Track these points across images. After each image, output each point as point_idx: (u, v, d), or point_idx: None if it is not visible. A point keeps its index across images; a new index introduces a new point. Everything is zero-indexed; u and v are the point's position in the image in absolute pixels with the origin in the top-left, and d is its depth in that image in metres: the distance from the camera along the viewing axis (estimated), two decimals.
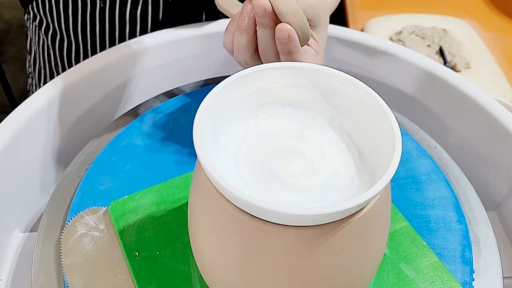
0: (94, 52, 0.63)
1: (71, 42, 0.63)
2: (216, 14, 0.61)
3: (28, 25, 0.69)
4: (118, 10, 0.59)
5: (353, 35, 0.55)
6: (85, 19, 0.61)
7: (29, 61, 0.72)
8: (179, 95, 0.50)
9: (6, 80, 1.31)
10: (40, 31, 0.66)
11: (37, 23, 0.66)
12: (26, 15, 0.69)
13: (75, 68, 0.50)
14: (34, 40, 0.68)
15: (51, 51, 0.66)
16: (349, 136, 0.30)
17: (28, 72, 0.74)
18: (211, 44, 0.57)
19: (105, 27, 0.61)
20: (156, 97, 0.51)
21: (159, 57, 0.55)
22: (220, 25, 0.56)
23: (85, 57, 0.64)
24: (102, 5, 0.59)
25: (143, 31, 0.61)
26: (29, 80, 0.74)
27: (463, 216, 0.39)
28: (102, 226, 0.37)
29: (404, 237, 0.37)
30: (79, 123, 0.51)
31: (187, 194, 0.39)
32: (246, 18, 0.37)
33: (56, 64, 0.66)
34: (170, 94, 0.52)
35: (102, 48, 0.62)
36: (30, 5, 0.65)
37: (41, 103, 0.46)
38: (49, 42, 0.65)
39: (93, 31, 0.61)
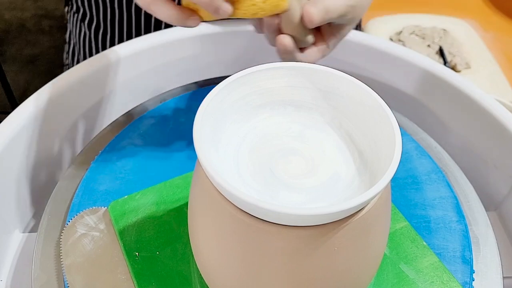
0: None
1: (114, 35, 0.63)
2: None
3: (69, 18, 0.69)
4: None
5: (353, 35, 0.55)
6: (130, 13, 0.61)
7: (67, 53, 0.73)
8: (179, 95, 0.51)
9: (6, 80, 1.31)
10: (82, 24, 0.66)
11: (79, 16, 0.66)
12: (67, 7, 0.69)
13: (76, 68, 0.50)
14: (74, 33, 0.68)
15: (93, 44, 0.66)
16: (349, 136, 0.30)
17: (65, 64, 0.74)
18: (211, 44, 0.57)
19: (151, 23, 0.60)
20: (156, 97, 0.51)
21: (159, 57, 0.55)
22: (219, 25, 0.56)
23: None
24: None
25: None
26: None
27: (463, 216, 0.39)
28: (102, 226, 0.37)
29: (404, 237, 0.37)
30: (79, 123, 0.51)
31: (187, 194, 0.39)
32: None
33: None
34: (170, 94, 0.52)
35: None
36: None
37: (41, 103, 0.46)
38: (92, 35, 0.65)
39: (138, 25, 0.61)
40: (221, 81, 0.29)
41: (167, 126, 0.46)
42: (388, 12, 0.83)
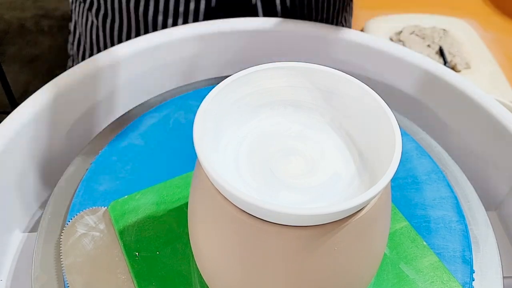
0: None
1: (122, 23, 0.63)
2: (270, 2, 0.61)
3: (74, 8, 0.69)
4: None
5: (353, 35, 0.55)
6: (138, 1, 0.60)
7: (72, 43, 0.73)
8: (179, 95, 0.50)
9: (6, 80, 1.31)
10: (89, 13, 0.65)
11: (86, 5, 0.65)
12: None
13: (76, 67, 0.50)
14: (80, 22, 0.68)
15: (101, 33, 0.65)
16: (349, 136, 0.30)
17: (69, 55, 0.74)
18: (211, 44, 0.57)
19: (158, 10, 0.60)
20: (156, 97, 0.51)
21: (159, 57, 0.55)
22: (220, 25, 0.56)
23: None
24: None
25: (196, 19, 0.61)
26: (70, 63, 0.75)
27: (463, 216, 0.39)
28: (102, 226, 0.37)
29: (404, 237, 0.37)
30: (79, 123, 0.51)
31: (187, 194, 0.39)
32: None
33: (105, 45, 0.67)
34: (170, 94, 0.52)
35: (154, 30, 0.62)
36: None
37: (41, 103, 0.46)
38: (100, 24, 0.64)
39: (145, 13, 0.61)
40: (221, 81, 0.29)
41: (167, 126, 0.46)
42: (388, 12, 0.83)
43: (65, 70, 0.62)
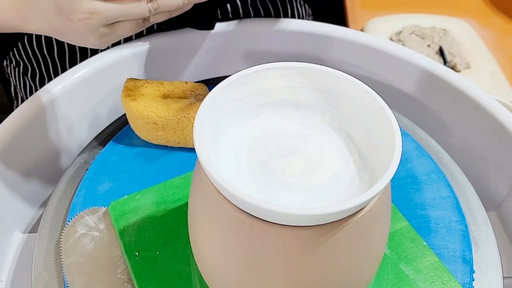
0: None
1: None
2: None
3: (10, 72, 0.67)
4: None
5: (353, 35, 0.55)
6: (75, 59, 0.59)
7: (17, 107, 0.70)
8: None
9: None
10: (26, 77, 0.63)
11: (21, 70, 0.63)
12: (6, 61, 0.66)
13: (75, 68, 0.50)
14: (19, 87, 0.66)
15: None
16: (349, 136, 0.30)
17: None
18: (211, 44, 0.57)
19: None
20: None
21: (158, 57, 0.55)
22: (221, 24, 0.56)
23: None
24: None
25: None
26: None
27: (463, 216, 0.39)
28: (102, 226, 0.37)
29: (404, 237, 0.37)
30: (79, 123, 0.51)
31: (187, 194, 0.39)
32: None
33: None
34: None
35: None
36: (11, 52, 0.63)
37: (42, 103, 0.46)
38: (38, 88, 0.63)
39: None
40: (221, 81, 0.29)
41: None
42: (388, 12, 0.83)
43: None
